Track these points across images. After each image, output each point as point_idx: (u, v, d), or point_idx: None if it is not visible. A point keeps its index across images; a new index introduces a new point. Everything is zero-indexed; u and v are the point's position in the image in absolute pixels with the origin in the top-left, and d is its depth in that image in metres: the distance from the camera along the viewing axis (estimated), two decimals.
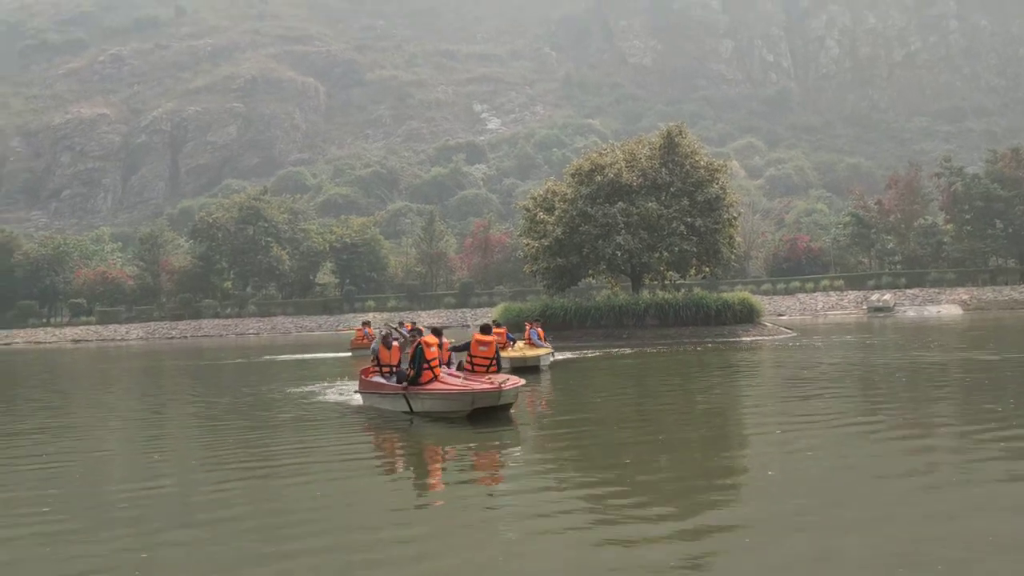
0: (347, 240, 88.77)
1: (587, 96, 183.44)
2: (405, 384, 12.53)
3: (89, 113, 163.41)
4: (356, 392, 14.72)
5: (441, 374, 12.61)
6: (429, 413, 12.29)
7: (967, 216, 73.06)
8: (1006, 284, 67.26)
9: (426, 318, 77.01)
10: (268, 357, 34.12)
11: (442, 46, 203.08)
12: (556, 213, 38.95)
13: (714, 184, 37.88)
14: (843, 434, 9.95)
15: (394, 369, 13.48)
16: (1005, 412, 10.91)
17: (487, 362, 13.86)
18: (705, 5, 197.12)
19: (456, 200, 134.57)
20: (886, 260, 79.25)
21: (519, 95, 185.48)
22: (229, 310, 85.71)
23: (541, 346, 22.62)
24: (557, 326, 33.87)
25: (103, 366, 35.46)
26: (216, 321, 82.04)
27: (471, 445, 10.17)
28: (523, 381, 12.87)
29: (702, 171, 38.06)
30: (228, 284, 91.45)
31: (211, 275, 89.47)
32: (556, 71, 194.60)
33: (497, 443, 10.32)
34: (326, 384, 18.50)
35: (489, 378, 12.81)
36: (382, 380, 13.52)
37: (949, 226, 75.73)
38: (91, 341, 75.18)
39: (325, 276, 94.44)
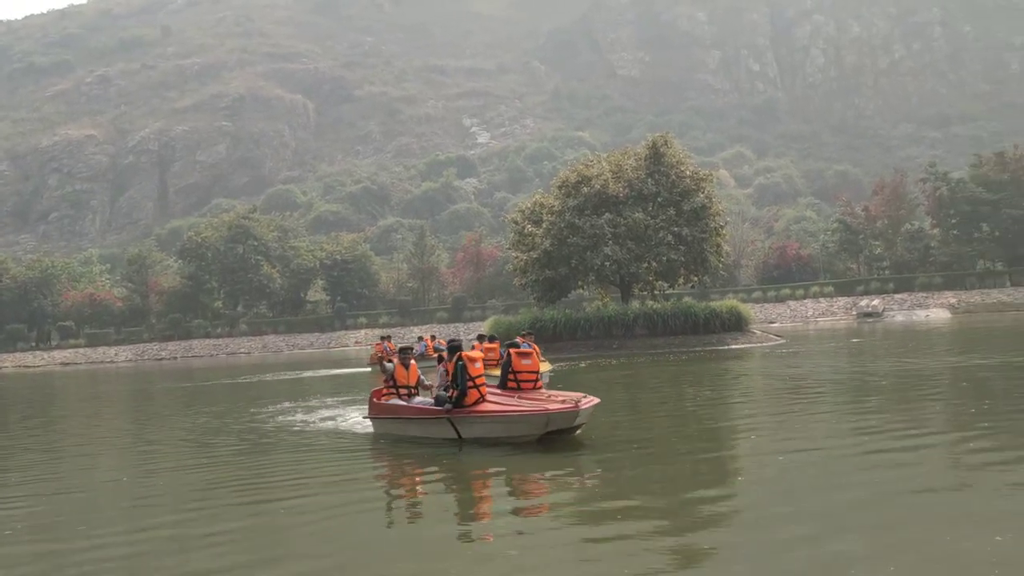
0: (338, 257, 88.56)
1: (576, 109, 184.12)
2: (448, 407, 10.90)
3: (76, 135, 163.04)
4: (365, 418, 12.90)
5: (487, 393, 11.09)
6: (484, 439, 10.73)
7: (953, 220, 73.37)
8: (993, 287, 67.44)
9: (418, 333, 76.76)
10: (289, 375, 33.28)
11: (431, 61, 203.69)
12: (544, 225, 39.07)
13: (700, 193, 38.04)
14: (834, 452, 9.91)
15: (412, 391, 12.08)
16: (993, 416, 10.90)
17: (534, 377, 11.96)
18: (691, 17, 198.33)
19: (447, 215, 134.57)
20: (874, 266, 79.47)
21: (509, 109, 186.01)
22: (220, 330, 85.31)
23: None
24: (547, 338, 33.86)
25: (99, 388, 35.22)
26: (207, 341, 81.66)
27: (544, 473, 8.93)
28: (598, 399, 11.17)
29: (688, 181, 38.23)
30: (218, 304, 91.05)
31: (201, 295, 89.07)
32: (545, 84, 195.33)
33: (571, 469, 9.20)
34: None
35: (559, 396, 11.15)
36: (402, 403, 11.93)
37: (936, 231, 76.02)
38: (80, 364, 74.77)
39: (316, 293, 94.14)
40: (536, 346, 13.61)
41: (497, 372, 18.14)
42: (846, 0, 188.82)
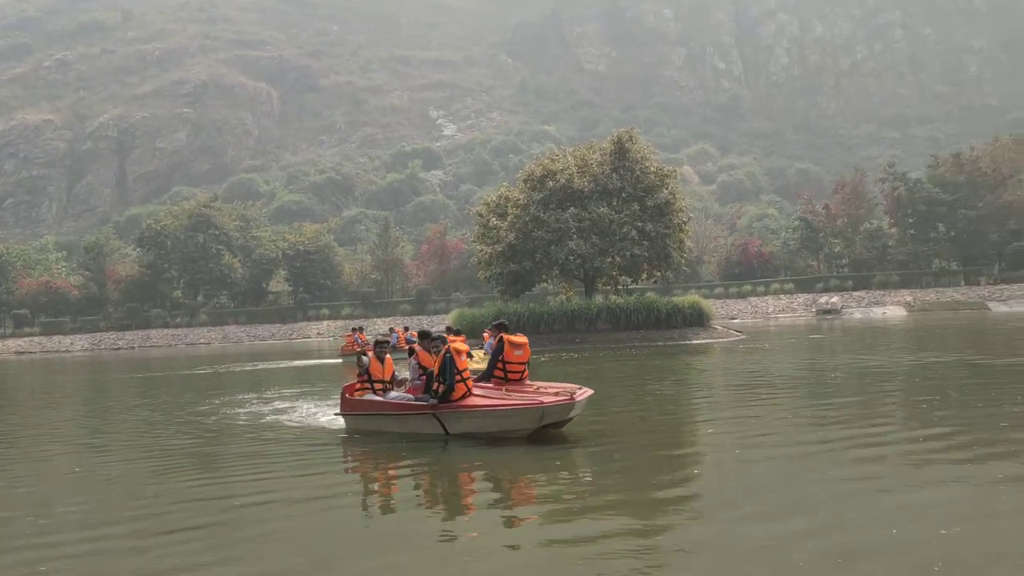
0: (300, 247, 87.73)
1: (543, 103, 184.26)
2: (433, 402, 10.43)
3: (34, 119, 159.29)
4: (337, 415, 12.17)
5: (472, 386, 10.65)
6: (473, 434, 10.26)
7: (910, 220, 74.84)
8: (948, 286, 68.96)
9: (382, 325, 76.46)
10: (254, 366, 32.70)
11: (398, 52, 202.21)
12: (509, 219, 39.11)
13: (664, 189, 38.33)
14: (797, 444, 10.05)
15: (387, 386, 11.56)
16: (945, 411, 11.16)
17: (523, 368, 11.49)
18: (657, 13, 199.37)
19: (412, 206, 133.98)
20: (834, 263, 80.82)
21: (475, 101, 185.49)
22: (179, 319, 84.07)
23: None
24: (511, 332, 33.83)
25: (54, 378, 34.53)
26: (165, 331, 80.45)
27: (505, 468, 8.82)
28: (592, 391, 10.77)
29: (652, 176, 38.50)
30: (178, 293, 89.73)
31: (160, 284, 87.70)
32: (512, 78, 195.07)
33: (535, 463, 8.97)
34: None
35: (550, 388, 10.86)
36: (378, 398, 11.39)
37: (893, 230, 77.52)
38: (35, 353, 73.31)
39: (278, 284, 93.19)
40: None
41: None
42: (810, 0, 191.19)
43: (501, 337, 11.63)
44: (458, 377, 10.25)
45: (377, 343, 12.02)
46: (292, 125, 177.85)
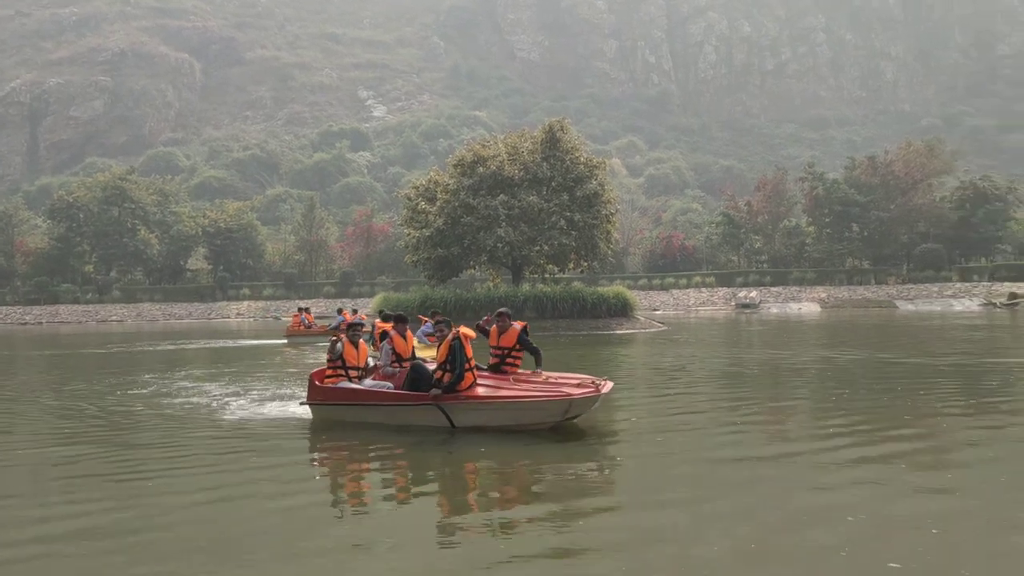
0: (222, 225, 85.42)
1: (475, 88, 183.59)
2: (437, 392, 9.60)
3: None
4: (303, 403, 10.99)
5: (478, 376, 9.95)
6: (484, 427, 9.51)
7: (827, 219, 77.46)
8: (860, 284, 71.77)
9: (303, 306, 75.08)
10: (186, 344, 31.44)
11: (327, 29, 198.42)
12: (438, 203, 38.91)
13: (593, 180, 38.68)
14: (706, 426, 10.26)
15: (362, 373, 10.76)
16: (852, 403, 11.58)
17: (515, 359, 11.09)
18: (591, 4, 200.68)
19: (339, 187, 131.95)
20: (754, 259, 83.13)
21: (406, 83, 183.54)
22: (90, 295, 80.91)
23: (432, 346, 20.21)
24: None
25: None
26: (75, 307, 77.32)
27: (417, 461, 8.58)
28: (612, 382, 10.13)
29: (582, 167, 38.80)
30: (90, 268, 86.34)
31: (71, 258, 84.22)
32: (444, 61, 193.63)
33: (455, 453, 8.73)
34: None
35: (570, 379, 10.30)
36: (356, 386, 10.45)
37: (811, 228, 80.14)
38: None
39: (197, 262, 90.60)
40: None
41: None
42: (738, 0, 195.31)
43: (508, 322, 11.07)
44: (468, 366, 9.61)
45: (350, 326, 11.06)
46: (215, 99, 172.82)
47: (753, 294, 68.52)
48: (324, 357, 11.21)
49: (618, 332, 33.02)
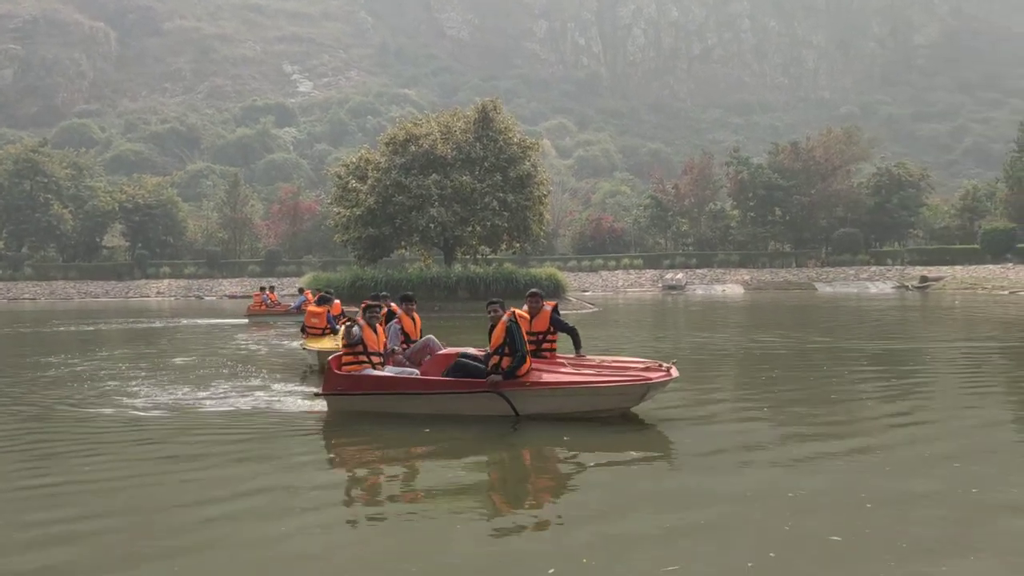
0: (140, 201, 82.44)
1: (403, 65, 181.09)
2: (497, 379, 8.98)
3: None
4: (319, 395, 9.86)
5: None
6: (553, 414, 9.04)
7: (751, 203, 79.37)
8: (781, 267, 73.92)
9: (227, 286, 73.49)
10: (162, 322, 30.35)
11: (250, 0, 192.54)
12: (369, 182, 38.42)
13: (526, 161, 38.75)
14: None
15: (384, 359, 9.90)
16: (781, 385, 11.94)
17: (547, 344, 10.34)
18: None
19: (264, 164, 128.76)
20: (680, 241, 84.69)
21: (333, 59, 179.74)
22: (0, 272, 77.28)
23: None
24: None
25: None
26: None
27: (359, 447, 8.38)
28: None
29: (515, 148, 38.83)
30: (0, 244, 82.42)
31: None
32: (372, 37, 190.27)
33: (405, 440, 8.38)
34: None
35: (628, 362, 9.97)
36: (384, 374, 9.64)
37: (735, 212, 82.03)
38: None
39: (114, 239, 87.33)
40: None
41: (319, 345, 14.71)
42: None
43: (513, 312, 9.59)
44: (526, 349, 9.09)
45: (367, 308, 9.96)
46: (132, 69, 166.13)
47: (679, 276, 69.88)
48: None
49: None
